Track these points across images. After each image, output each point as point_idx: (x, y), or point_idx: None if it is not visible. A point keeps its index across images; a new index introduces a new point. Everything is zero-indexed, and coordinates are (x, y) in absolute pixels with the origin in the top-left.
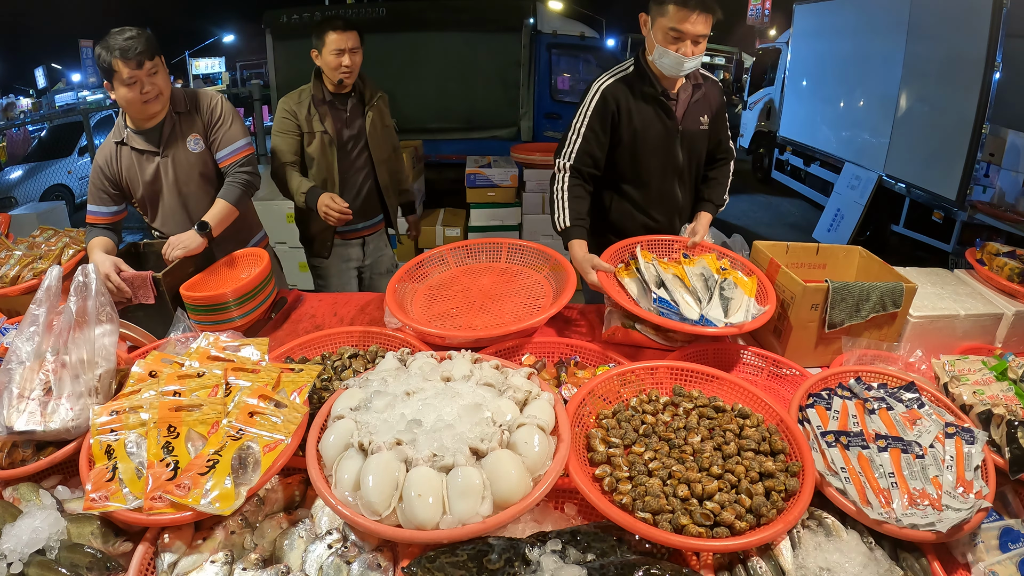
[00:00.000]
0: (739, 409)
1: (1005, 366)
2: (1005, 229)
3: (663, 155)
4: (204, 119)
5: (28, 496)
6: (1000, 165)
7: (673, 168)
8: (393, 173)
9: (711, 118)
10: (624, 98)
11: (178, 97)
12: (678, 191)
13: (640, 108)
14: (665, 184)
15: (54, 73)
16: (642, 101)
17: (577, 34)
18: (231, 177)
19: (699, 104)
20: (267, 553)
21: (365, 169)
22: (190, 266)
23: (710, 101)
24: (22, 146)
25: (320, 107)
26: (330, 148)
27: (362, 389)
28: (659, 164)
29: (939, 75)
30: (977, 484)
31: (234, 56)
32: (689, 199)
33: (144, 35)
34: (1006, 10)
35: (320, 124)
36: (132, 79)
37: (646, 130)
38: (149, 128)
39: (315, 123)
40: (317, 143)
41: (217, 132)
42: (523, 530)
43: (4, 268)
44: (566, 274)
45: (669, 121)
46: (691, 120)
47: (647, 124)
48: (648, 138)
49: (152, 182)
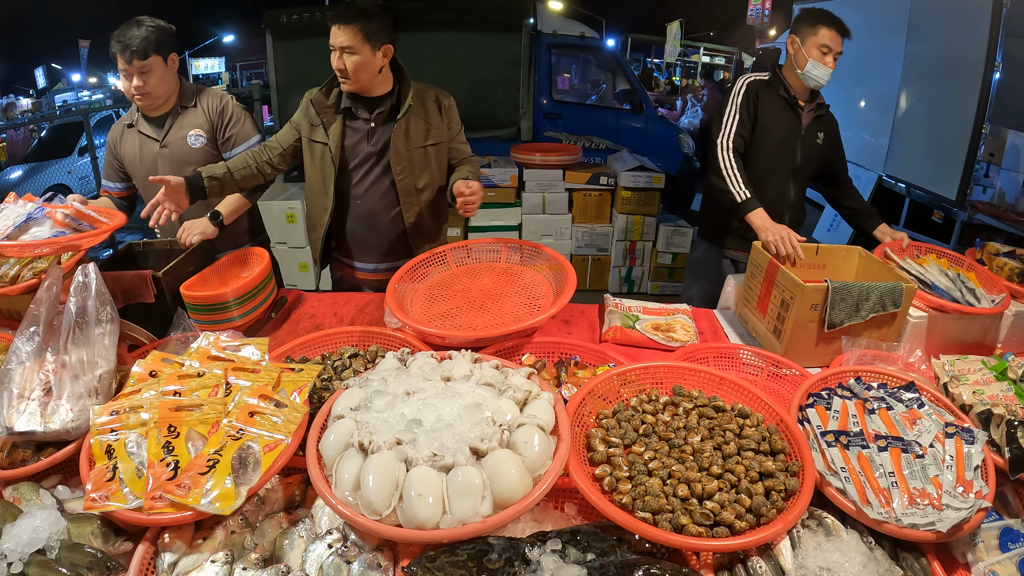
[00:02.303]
0: (739, 409)
1: (1005, 366)
2: (1005, 229)
3: (785, 152)
4: (211, 117)
5: (28, 496)
6: (1000, 165)
7: (791, 167)
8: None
9: (826, 136)
10: (764, 93)
11: (187, 92)
12: (791, 189)
13: (774, 107)
14: (781, 177)
15: (54, 73)
16: (777, 102)
17: (577, 34)
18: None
19: (820, 121)
20: (267, 553)
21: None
22: (190, 265)
23: (828, 124)
24: (22, 146)
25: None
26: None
27: (362, 389)
28: (780, 160)
29: (939, 75)
30: (977, 484)
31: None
32: (797, 199)
33: (149, 33)
34: (1006, 10)
35: (324, 134)
36: (125, 72)
37: (776, 127)
38: (155, 116)
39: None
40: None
41: (229, 131)
42: (523, 530)
43: (4, 268)
44: (566, 274)
45: (796, 124)
46: (811, 131)
47: (777, 121)
48: (776, 134)
49: (150, 169)
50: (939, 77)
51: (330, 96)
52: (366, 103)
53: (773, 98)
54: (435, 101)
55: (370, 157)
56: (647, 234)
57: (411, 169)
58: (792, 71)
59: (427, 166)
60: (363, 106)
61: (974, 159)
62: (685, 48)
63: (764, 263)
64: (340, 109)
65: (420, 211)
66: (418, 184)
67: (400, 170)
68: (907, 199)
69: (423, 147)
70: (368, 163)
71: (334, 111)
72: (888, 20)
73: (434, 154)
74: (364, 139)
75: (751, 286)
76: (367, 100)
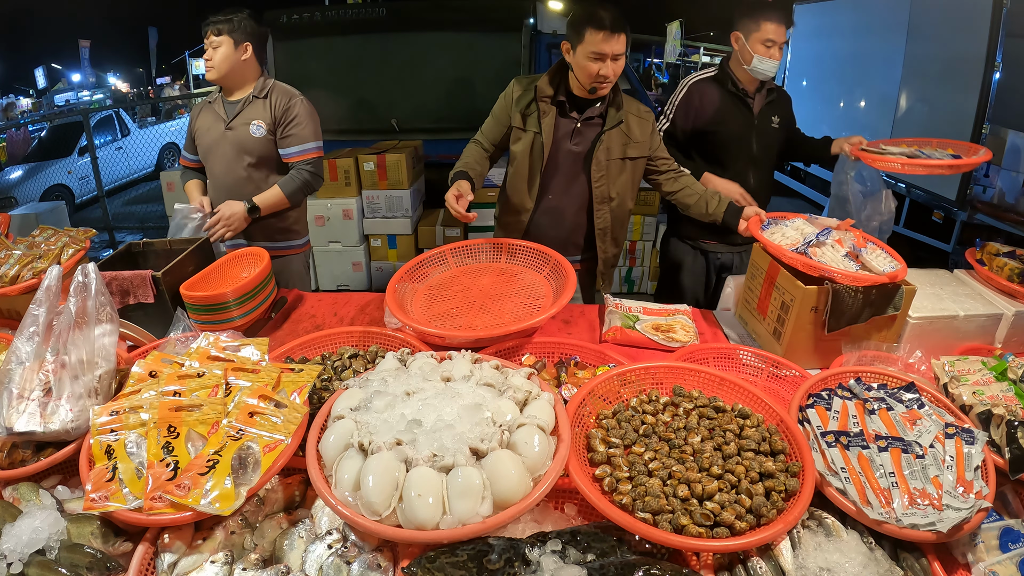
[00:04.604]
0: (739, 409)
1: (1005, 366)
2: (1005, 229)
3: (741, 144)
4: (275, 113)
5: (28, 496)
6: (1000, 165)
7: (748, 157)
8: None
9: (781, 118)
10: (711, 91)
11: (263, 85)
12: (751, 177)
13: (724, 103)
14: (740, 168)
15: (54, 73)
16: (726, 97)
17: None
18: (295, 171)
19: (773, 105)
20: (267, 553)
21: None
22: (190, 265)
23: (782, 105)
24: (22, 146)
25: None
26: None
27: (362, 389)
28: (737, 152)
29: (939, 75)
30: (977, 484)
31: None
32: (759, 186)
33: (232, 17)
34: (1006, 10)
35: (537, 123)
36: (205, 46)
37: (728, 121)
38: (232, 100)
39: (531, 121)
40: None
41: (289, 129)
42: (523, 530)
43: (4, 268)
44: (566, 274)
45: (748, 115)
46: (765, 119)
47: (728, 116)
48: (729, 128)
49: (211, 146)
50: (939, 77)
51: (550, 88)
52: (577, 103)
53: (722, 94)
54: (637, 115)
55: (570, 156)
56: (647, 234)
57: (607, 178)
58: (739, 65)
59: (624, 178)
60: (575, 107)
61: None
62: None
63: (764, 265)
64: (555, 101)
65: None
66: (611, 194)
67: (598, 178)
68: (907, 199)
69: (621, 159)
70: (567, 161)
71: (550, 102)
72: (888, 20)
73: (631, 168)
74: (568, 137)
75: (751, 288)
76: (580, 100)
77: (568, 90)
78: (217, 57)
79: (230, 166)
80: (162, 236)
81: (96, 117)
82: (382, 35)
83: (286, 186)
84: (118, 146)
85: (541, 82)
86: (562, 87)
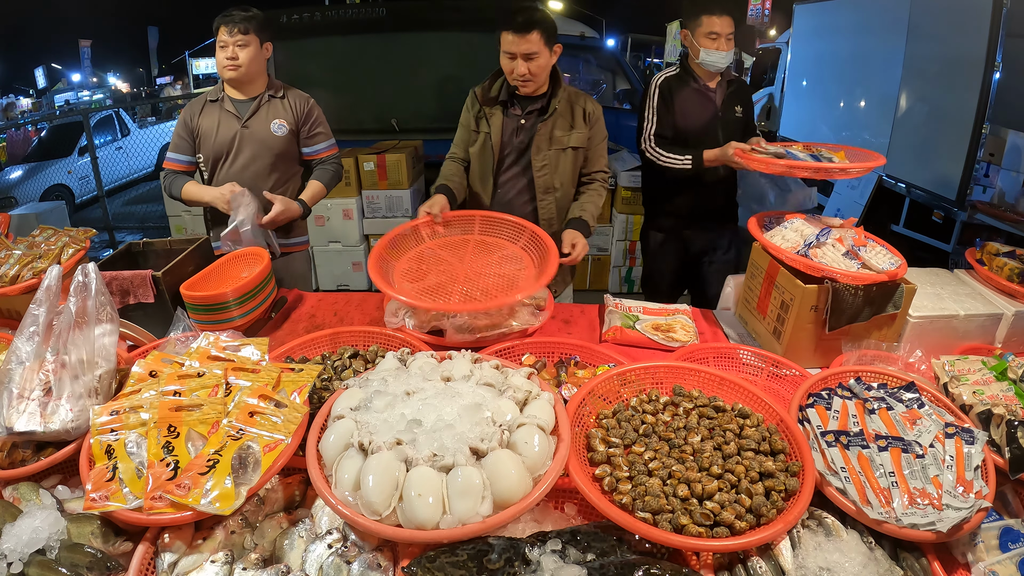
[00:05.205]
0: (739, 409)
1: (1005, 366)
2: (1005, 229)
3: (706, 136)
4: (297, 114)
5: (28, 496)
6: (1000, 165)
7: (715, 146)
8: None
9: (743, 107)
10: (677, 87)
11: (276, 85)
12: (720, 167)
13: (688, 97)
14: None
15: (54, 73)
16: (689, 92)
17: (577, 34)
18: (325, 165)
19: (735, 95)
20: (267, 553)
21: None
22: (190, 265)
23: (743, 94)
24: (22, 146)
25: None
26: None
27: (362, 389)
28: (702, 144)
29: (939, 75)
30: (977, 484)
31: None
32: (727, 173)
33: (254, 15)
34: (1006, 10)
35: (486, 124)
36: (223, 44)
37: (693, 115)
38: (243, 99)
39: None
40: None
41: (315, 129)
42: (523, 530)
43: (4, 268)
44: (546, 246)
45: (710, 107)
46: (728, 109)
47: (693, 110)
48: (694, 121)
49: (225, 144)
50: (939, 77)
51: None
52: (521, 100)
53: (685, 90)
54: (583, 107)
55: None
56: None
57: (550, 168)
58: (695, 60)
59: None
60: (518, 103)
61: (974, 159)
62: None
63: (764, 264)
64: (499, 102)
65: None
66: (554, 184)
67: (540, 167)
68: (907, 199)
69: (563, 149)
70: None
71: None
72: (888, 20)
73: (574, 157)
74: (514, 133)
75: (751, 287)
76: (523, 98)
77: (512, 90)
78: (244, 56)
79: (247, 163)
80: (162, 236)
81: (96, 117)
82: (382, 35)
83: (323, 177)
84: (118, 146)
85: (480, 87)
86: (504, 87)
